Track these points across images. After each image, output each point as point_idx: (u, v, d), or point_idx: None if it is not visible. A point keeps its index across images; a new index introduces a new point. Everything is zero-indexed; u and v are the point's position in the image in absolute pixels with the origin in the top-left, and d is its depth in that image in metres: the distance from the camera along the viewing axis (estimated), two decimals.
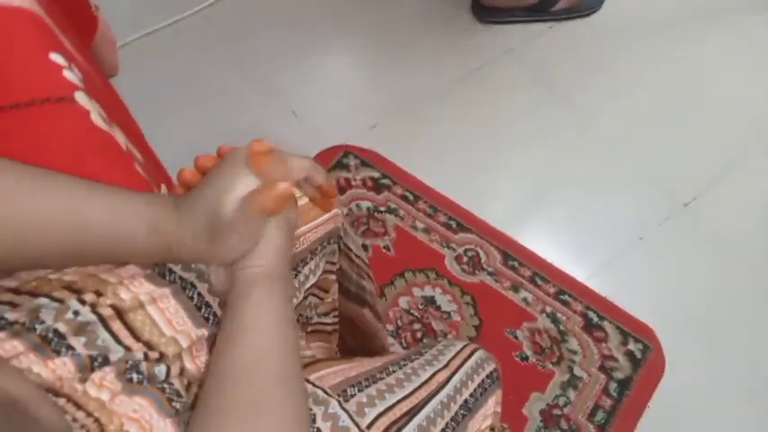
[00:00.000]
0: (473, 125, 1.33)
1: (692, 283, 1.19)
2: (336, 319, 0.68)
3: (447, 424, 0.54)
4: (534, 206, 1.24)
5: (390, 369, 0.56)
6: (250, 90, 1.34)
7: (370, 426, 0.49)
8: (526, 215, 1.23)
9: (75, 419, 0.39)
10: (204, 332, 0.47)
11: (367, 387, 0.53)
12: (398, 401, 0.52)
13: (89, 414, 0.40)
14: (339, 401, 0.50)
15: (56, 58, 0.64)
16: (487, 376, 0.59)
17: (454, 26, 1.46)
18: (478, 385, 0.58)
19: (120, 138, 0.65)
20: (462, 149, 1.30)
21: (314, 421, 0.48)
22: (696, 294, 1.17)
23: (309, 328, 0.65)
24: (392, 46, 1.44)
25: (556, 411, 1.05)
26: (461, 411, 0.55)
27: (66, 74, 0.64)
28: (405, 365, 0.57)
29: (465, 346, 0.61)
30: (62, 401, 0.40)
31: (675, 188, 1.28)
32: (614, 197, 1.26)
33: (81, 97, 0.62)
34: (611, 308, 1.15)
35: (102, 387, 0.41)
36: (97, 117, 0.62)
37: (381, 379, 0.54)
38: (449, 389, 0.55)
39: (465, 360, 0.59)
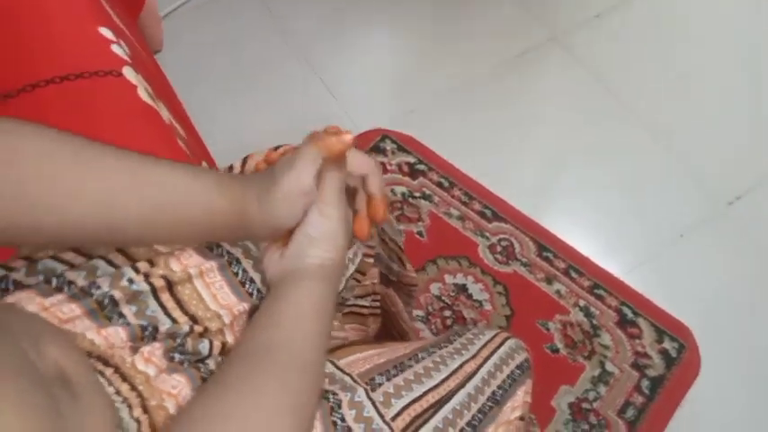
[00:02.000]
0: (513, 113, 1.31)
1: (731, 285, 1.15)
2: (375, 303, 0.68)
3: (473, 416, 0.53)
4: (573, 198, 1.22)
5: (419, 356, 0.55)
6: (291, 69, 1.34)
7: (395, 417, 0.49)
8: (564, 206, 1.21)
9: (118, 392, 0.41)
10: (246, 306, 0.48)
11: (395, 376, 0.52)
12: (425, 393, 0.52)
13: (133, 387, 0.41)
14: (366, 390, 0.50)
15: (105, 32, 0.65)
16: (518, 366, 0.58)
17: (498, 11, 1.44)
18: (508, 376, 0.57)
19: (165, 113, 0.66)
20: (501, 137, 1.28)
21: (339, 407, 0.49)
22: (735, 296, 1.14)
23: (345, 310, 0.65)
24: (434, 30, 1.42)
25: (585, 405, 1.04)
26: (489, 403, 0.55)
27: (115, 48, 0.65)
28: (433, 353, 0.56)
29: (496, 334, 0.60)
30: (110, 372, 0.41)
31: (721, 186, 1.24)
32: (656, 192, 1.23)
33: (128, 72, 0.63)
34: (646, 304, 1.12)
35: (150, 362, 0.43)
36: (143, 92, 0.63)
37: (410, 367, 0.54)
38: (477, 380, 0.55)
39: (495, 349, 0.58)
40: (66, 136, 0.41)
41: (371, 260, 0.64)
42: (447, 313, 1.11)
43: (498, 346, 0.59)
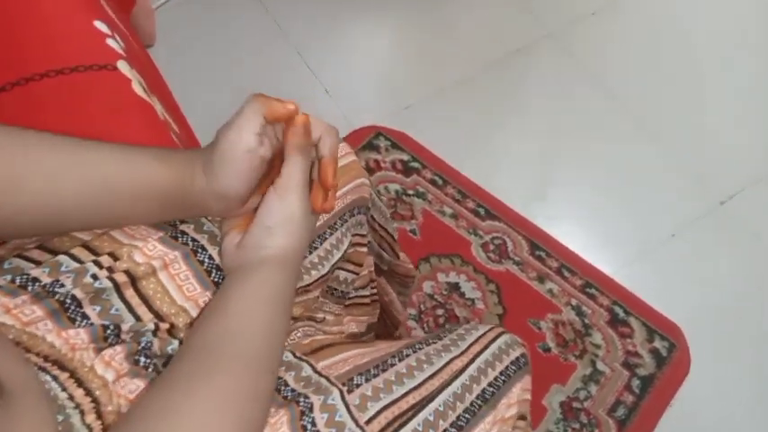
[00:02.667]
0: (508, 110, 1.31)
1: (723, 284, 1.16)
2: (374, 291, 0.68)
3: (459, 416, 0.50)
4: (566, 197, 1.23)
5: (404, 353, 0.53)
6: (284, 64, 1.33)
7: (370, 420, 0.47)
8: (557, 205, 1.22)
9: (71, 397, 0.39)
10: (210, 295, 0.47)
11: (375, 377, 0.50)
12: (406, 393, 0.49)
13: (88, 392, 0.40)
14: (342, 391, 0.48)
15: (100, 26, 0.65)
16: (513, 362, 0.55)
17: (494, 8, 1.44)
18: (501, 372, 0.54)
19: (159, 107, 0.65)
20: (496, 135, 1.28)
21: (310, 410, 0.46)
22: (726, 296, 1.15)
23: (347, 302, 0.65)
24: (431, 25, 1.42)
25: (576, 404, 1.05)
26: (478, 401, 0.52)
27: (110, 42, 0.64)
28: (419, 350, 0.54)
29: (490, 329, 0.58)
30: (64, 376, 0.40)
31: (713, 185, 1.25)
32: (649, 191, 1.24)
33: (123, 66, 0.62)
34: (638, 304, 1.13)
35: (110, 366, 0.42)
36: (138, 86, 0.62)
37: (392, 366, 0.51)
38: (464, 377, 0.52)
39: (487, 345, 0.56)
40: (5, 128, 0.40)
41: (365, 249, 0.63)
42: (439, 312, 1.11)
43: (491, 342, 0.56)
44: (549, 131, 1.30)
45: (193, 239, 0.48)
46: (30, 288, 0.43)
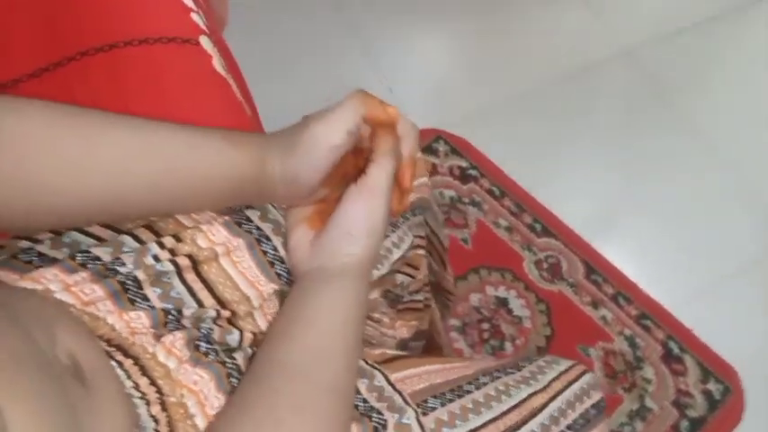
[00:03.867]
0: (575, 127, 1.27)
1: None
2: (428, 296, 0.65)
3: None
4: (629, 221, 1.18)
5: (481, 380, 0.50)
6: (351, 59, 1.32)
7: None
8: (618, 229, 1.17)
9: (137, 386, 0.38)
10: (275, 287, 0.45)
11: (450, 401, 0.48)
12: (483, 425, 0.47)
13: (153, 382, 0.39)
14: (417, 413, 0.46)
15: (186, 0, 0.64)
16: (593, 405, 0.52)
17: (571, 18, 1.40)
18: (581, 415, 0.51)
19: (236, 88, 0.64)
20: (559, 150, 1.24)
21: (384, 428, 0.44)
22: None
23: (400, 306, 0.62)
24: (502, 33, 1.39)
25: None
26: None
27: (194, 17, 0.63)
28: (498, 378, 0.51)
29: (572, 366, 0.54)
30: (129, 363, 0.39)
31: None
32: (718, 223, 1.18)
33: (205, 42, 0.61)
34: (695, 341, 1.07)
35: (171, 354, 0.40)
36: (218, 64, 0.61)
37: (469, 393, 0.49)
38: (544, 416, 0.49)
39: (569, 384, 0.52)
40: (69, 110, 0.39)
41: (423, 251, 0.61)
42: (485, 326, 1.07)
43: (573, 381, 0.53)
44: (618, 154, 1.25)
45: (258, 228, 0.46)
46: (90, 266, 0.41)
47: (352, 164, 0.47)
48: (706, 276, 1.13)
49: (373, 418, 0.44)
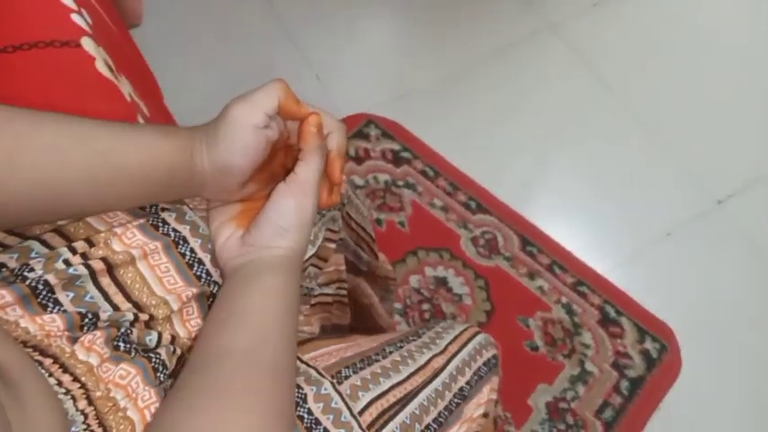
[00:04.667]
0: (504, 103, 1.28)
1: (717, 286, 1.13)
2: (341, 291, 0.65)
3: (440, 413, 0.51)
4: (559, 192, 1.19)
5: (387, 350, 0.53)
6: (275, 48, 1.30)
7: (362, 411, 0.47)
8: (550, 201, 1.18)
9: (60, 383, 0.37)
10: (194, 291, 0.45)
11: (362, 369, 0.50)
12: (392, 387, 0.50)
13: (76, 378, 0.38)
14: (333, 383, 0.48)
15: (65, 0, 0.61)
16: (485, 363, 0.57)
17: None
18: (475, 372, 0.55)
19: (126, 88, 0.62)
20: (490, 127, 1.25)
21: (305, 401, 0.46)
22: (720, 298, 1.12)
23: (313, 301, 0.62)
24: (429, 14, 1.38)
25: (562, 405, 1.02)
26: (456, 400, 0.53)
27: (75, 18, 0.61)
28: (401, 347, 0.54)
29: (465, 329, 0.59)
30: (48, 362, 0.38)
31: (711, 184, 1.22)
32: (644, 188, 1.20)
33: (87, 43, 0.59)
34: (630, 303, 1.10)
35: (92, 351, 0.39)
36: (102, 65, 0.59)
37: (377, 361, 0.52)
38: (444, 376, 0.53)
39: (464, 344, 0.57)
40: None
41: (333, 245, 0.61)
42: (425, 306, 1.08)
43: (467, 341, 0.57)
44: (546, 126, 1.26)
45: (175, 230, 0.46)
46: None
47: (281, 163, 0.48)
48: (637, 240, 1.16)
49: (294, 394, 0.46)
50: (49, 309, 0.40)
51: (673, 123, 1.27)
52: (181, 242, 0.46)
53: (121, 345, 0.41)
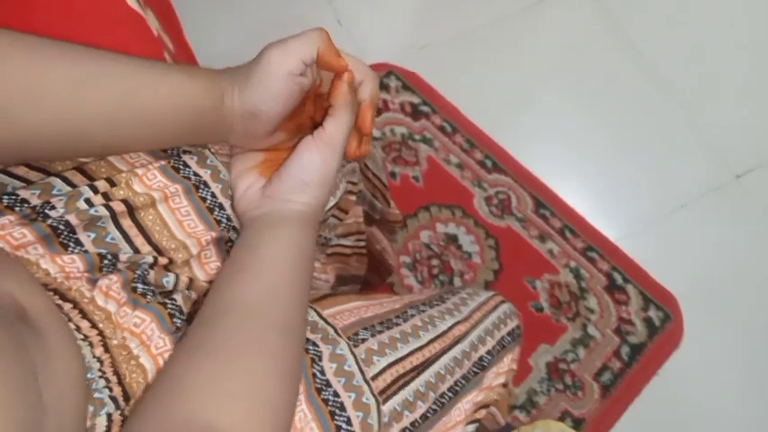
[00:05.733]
0: (527, 61, 1.25)
1: (727, 260, 1.13)
2: (360, 243, 0.66)
3: (457, 381, 0.51)
4: (578, 156, 1.18)
5: (408, 313, 0.53)
6: None
7: (376, 377, 0.47)
8: (568, 164, 1.17)
9: (78, 328, 0.38)
10: (213, 235, 0.45)
11: (380, 333, 0.50)
12: (410, 353, 0.49)
13: (94, 325, 0.38)
14: (349, 345, 0.48)
15: None
16: (509, 333, 0.56)
17: None
18: (498, 342, 0.55)
19: (153, 23, 0.60)
20: (511, 86, 1.23)
21: (320, 359, 0.46)
22: (729, 272, 1.13)
23: (329, 251, 0.62)
24: None
25: (562, 366, 1.04)
26: (474, 368, 0.53)
27: None
28: (423, 311, 0.53)
29: (491, 297, 0.58)
30: (68, 307, 0.38)
31: (730, 158, 1.20)
32: (663, 157, 1.19)
33: None
34: (637, 272, 1.11)
35: (109, 297, 0.40)
36: None
37: (397, 325, 0.51)
38: (465, 344, 0.52)
39: (488, 313, 0.56)
40: (19, 37, 0.37)
41: (354, 197, 0.61)
42: (434, 262, 1.09)
43: (491, 310, 0.56)
44: (570, 88, 1.24)
45: (195, 174, 0.45)
46: (17, 209, 0.40)
47: (310, 114, 0.47)
48: (652, 209, 1.15)
49: (310, 351, 0.46)
50: (70, 248, 0.40)
51: (699, 92, 1.25)
52: (202, 186, 0.45)
53: (139, 286, 0.41)
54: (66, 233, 0.40)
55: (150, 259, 0.42)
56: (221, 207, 0.46)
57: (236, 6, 1.23)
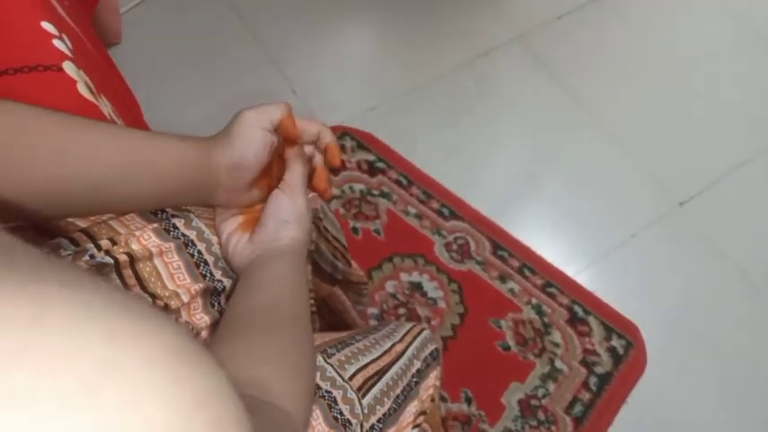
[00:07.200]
0: (473, 112, 1.33)
1: (680, 285, 1.19)
2: (310, 300, 0.69)
3: (403, 389, 0.59)
4: (528, 197, 1.24)
5: (356, 338, 0.61)
6: (252, 63, 1.34)
7: (351, 378, 0.55)
8: (519, 206, 1.23)
9: None
10: (200, 286, 0.51)
11: (342, 349, 0.58)
12: (370, 362, 0.58)
13: None
14: (323, 357, 0.55)
15: (47, 26, 0.65)
16: (430, 353, 0.65)
17: (464, 10, 1.45)
18: (423, 360, 0.64)
19: (106, 108, 0.65)
20: (460, 136, 1.30)
21: None
22: (684, 296, 1.18)
23: None
24: (400, 27, 1.43)
25: (534, 402, 1.07)
26: (414, 379, 0.61)
27: (56, 43, 0.64)
28: (367, 336, 0.62)
29: (414, 326, 0.68)
30: None
31: (673, 187, 1.28)
32: (609, 192, 1.26)
33: (69, 67, 0.63)
34: (597, 303, 1.15)
35: None
36: (83, 87, 0.62)
37: (352, 344, 0.60)
38: (405, 359, 0.61)
39: (416, 336, 0.65)
40: (48, 109, 0.44)
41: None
42: (401, 311, 1.12)
43: (417, 335, 0.66)
44: (514, 134, 1.31)
45: (184, 234, 0.52)
46: None
47: (276, 176, 0.56)
48: (603, 242, 1.21)
49: None
50: None
51: (635, 129, 1.33)
52: (190, 244, 0.52)
53: None
54: None
55: (149, 300, 0.48)
56: (206, 263, 0.53)
57: (189, 80, 1.30)
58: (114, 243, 0.48)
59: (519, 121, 1.33)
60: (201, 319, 0.52)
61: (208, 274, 0.52)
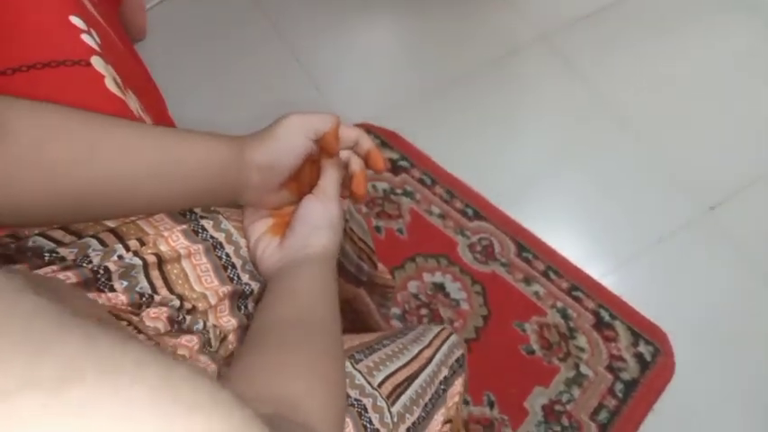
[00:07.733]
0: (500, 111, 1.31)
1: (709, 290, 1.16)
2: None
3: (431, 396, 0.58)
4: (555, 199, 1.22)
5: (383, 342, 0.59)
6: (276, 60, 1.33)
7: (380, 385, 0.54)
8: (546, 207, 1.21)
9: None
10: (228, 289, 0.51)
11: (370, 355, 0.56)
12: (398, 369, 0.56)
13: (149, 338, 0.43)
14: (351, 363, 0.54)
15: (76, 21, 0.64)
16: (456, 360, 0.64)
17: (488, 9, 1.43)
18: (450, 367, 0.62)
19: (133, 104, 0.65)
20: (486, 135, 1.28)
21: None
22: (712, 302, 1.14)
23: None
24: (424, 25, 1.41)
25: (558, 407, 1.05)
26: (441, 386, 0.60)
27: (85, 37, 0.64)
28: (395, 341, 0.60)
29: (442, 329, 0.66)
30: (124, 324, 0.43)
31: (702, 191, 1.24)
32: (638, 195, 1.23)
33: (97, 62, 0.62)
34: (623, 308, 1.13)
35: (158, 320, 0.45)
36: (111, 83, 0.62)
37: (380, 349, 0.58)
38: (433, 365, 0.60)
39: (443, 342, 0.64)
40: (78, 109, 0.44)
41: None
42: (424, 311, 1.11)
43: (445, 340, 0.65)
44: (540, 134, 1.29)
45: (212, 236, 0.52)
46: (57, 264, 0.45)
47: (307, 180, 0.55)
48: (631, 245, 1.18)
49: None
50: (105, 293, 0.45)
51: (665, 132, 1.30)
52: (218, 246, 0.52)
53: (179, 322, 0.47)
54: (103, 279, 0.46)
55: (177, 303, 0.48)
56: (233, 266, 0.52)
57: (214, 76, 1.30)
58: (143, 243, 0.48)
59: (545, 121, 1.30)
60: (228, 321, 0.51)
61: (235, 277, 0.51)
